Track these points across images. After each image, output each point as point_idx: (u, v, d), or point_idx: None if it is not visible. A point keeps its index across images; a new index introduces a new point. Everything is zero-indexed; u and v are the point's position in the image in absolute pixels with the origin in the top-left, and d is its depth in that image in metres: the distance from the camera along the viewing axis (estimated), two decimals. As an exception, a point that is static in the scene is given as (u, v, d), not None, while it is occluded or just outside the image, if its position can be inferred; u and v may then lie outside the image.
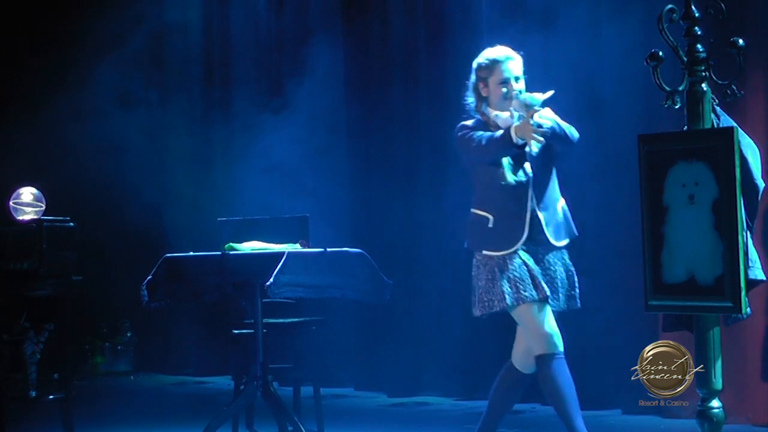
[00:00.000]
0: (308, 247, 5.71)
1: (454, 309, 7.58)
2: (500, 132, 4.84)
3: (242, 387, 5.91)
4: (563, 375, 4.87)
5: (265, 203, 8.13)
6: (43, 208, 6.25)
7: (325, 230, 6.58)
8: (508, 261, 4.85)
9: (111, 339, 9.74)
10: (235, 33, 9.09)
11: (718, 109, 3.69)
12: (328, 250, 5.62)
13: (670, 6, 3.69)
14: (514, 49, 5.06)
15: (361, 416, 7.21)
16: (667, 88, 3.63)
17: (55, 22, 9.49)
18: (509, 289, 4.82)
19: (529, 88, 4.98)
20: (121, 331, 9.76)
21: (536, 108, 4.76)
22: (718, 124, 3.62)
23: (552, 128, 4.77)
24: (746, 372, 6.22)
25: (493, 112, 4.95)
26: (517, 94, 4.84)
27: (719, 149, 3.37)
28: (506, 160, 4.87)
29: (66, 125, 9.34)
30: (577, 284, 5.02)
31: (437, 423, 6.90)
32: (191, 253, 5.80)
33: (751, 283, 3.74)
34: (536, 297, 4.81)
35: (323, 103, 8.25)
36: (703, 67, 3.55)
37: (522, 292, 4.81)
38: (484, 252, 4.91)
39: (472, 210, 5.03)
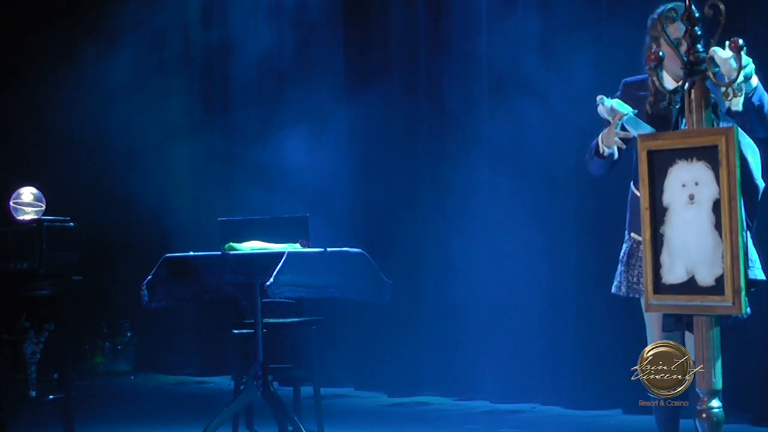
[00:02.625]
0: (308, 247, 5.71)
1: (454, 309, 7.59)
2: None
3: (242, 387, 5.91)
4: None
5: (265, 203, 8.13)
6: (43, 208, 6.25)
7: (325, 230, 6.58)
8: (641, 248, 4.59)
9: (111, 339, 9.74)
10: (235, 33, 9.09)
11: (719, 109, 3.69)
12: (328, 250, 5.62)
13: (670, 6, 3.68)
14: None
15: (361, 416, 7.21)
16: (668, 88, 3.63)
17: (55, 22, 9.48)
18: (632, 279, 4.56)
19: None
20: (121, 331, 9.75)
21: (623, 113, 4.36)
22: (718, 124, 3.62)
23: (752, 99, 4.07)
24: (746, 372, 6.22)
25: (667, 77, 4.38)
26: (602, 98, 4.44)
27: (719, 149, 3.37)
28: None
29: (66, 125, 9.35)
30: None
31: (437, 423, 6.90)
32: (191, 253, 5.80)
33: (751, 283, 3.74)
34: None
35: (323, 103, 8.25)
36: (703, 67, 3.55)
37: (642, 287, 4.32)
38: (632, 234, 4.59)
39: (630, 185, 4.61)
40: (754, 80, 4.05)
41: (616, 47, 6.50)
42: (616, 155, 4.50)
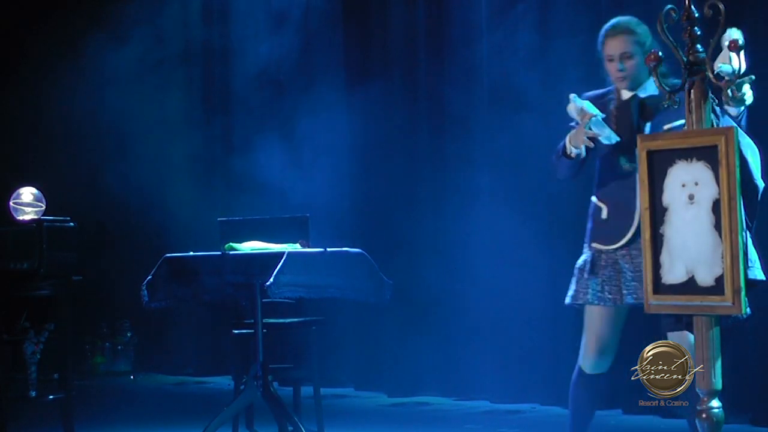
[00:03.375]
0: (308, 247, 5.71)
1: (454, 309, 7.59)
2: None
3: (242, 387, 5.91)
4: (576, 394, 4.82)
5: (265, 203, 8.13)
6: (43, 208, 6.25)
7: (325, 230, 6.58)
8: (604, 257, 4.54)
9: (111, 339, 9.74)
10: (235, 33, 9.09)
11: (717, 109, 3.69)
12: (328, 250, 5.61)
13: (670, 6, 3.68)
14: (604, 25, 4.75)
15: (361, 416, 7.21)
16: (667, 88, 3.63)
17: (55, 21, 9.49)
18: (596, 286, 4.56)
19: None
20: (121, 331, 9.76)
21: (592, 114, 4.42)
22: (718, 124, 3.62)
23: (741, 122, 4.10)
24: (746, 372, 6.22)
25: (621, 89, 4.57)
26: (574, 97, 4.52)
27: (719, 149, 3.37)
28: (619, 143, 4.43)
29: (66, 125, 9.35)
30: None
31: (437, 423, 6.91)
32: (191, 253, 5.80)
33: (751, 283, 3.74)
34: (609, 303, 4.54)
35: (324, 103, 8.26)
36: (703, 67, 3.55)
37: (607, 294, 4.54)
38: (593, 244, 4.58)
39: (592, 197, 4.65)
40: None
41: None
42: (584, 154, 4.55)
